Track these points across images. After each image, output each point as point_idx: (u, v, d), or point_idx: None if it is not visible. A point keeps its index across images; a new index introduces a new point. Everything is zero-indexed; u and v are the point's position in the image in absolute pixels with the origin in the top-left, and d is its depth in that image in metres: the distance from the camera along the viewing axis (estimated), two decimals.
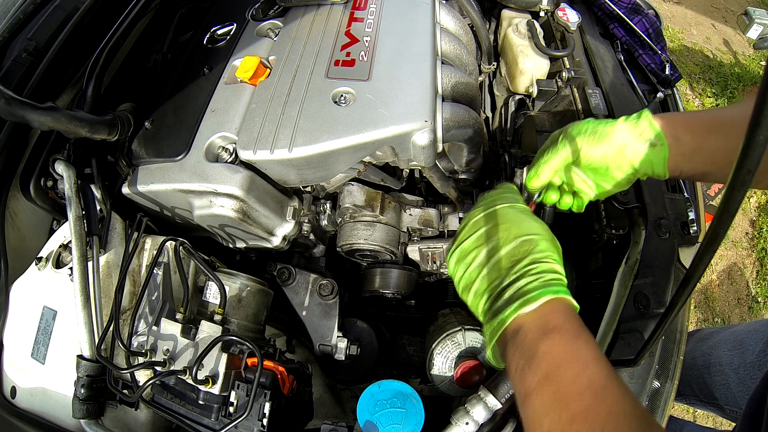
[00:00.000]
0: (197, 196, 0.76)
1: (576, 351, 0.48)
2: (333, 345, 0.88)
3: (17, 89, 0.82)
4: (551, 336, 0.49)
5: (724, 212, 0.34)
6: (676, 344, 0.82)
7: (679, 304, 0.45)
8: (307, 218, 0.90)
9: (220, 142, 0.78)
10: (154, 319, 0.72)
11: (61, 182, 0.80)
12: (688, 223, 0.87)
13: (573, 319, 0.52)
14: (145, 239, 0.79)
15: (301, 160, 0.73)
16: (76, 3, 0.94)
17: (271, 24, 0.93)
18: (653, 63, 1.15)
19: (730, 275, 2.38)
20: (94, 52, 0.85)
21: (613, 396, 0.44)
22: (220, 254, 0.95)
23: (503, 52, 1.24)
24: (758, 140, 0.29)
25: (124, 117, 0.81)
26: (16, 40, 0.89)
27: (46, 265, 0.76)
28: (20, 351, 0.74)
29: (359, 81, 0.76)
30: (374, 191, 0.93)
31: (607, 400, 0.44)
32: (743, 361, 1.11)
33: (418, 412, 0.68)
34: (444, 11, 0.99)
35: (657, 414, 0.77)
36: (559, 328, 0.50)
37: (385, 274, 0.95)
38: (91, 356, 0.68)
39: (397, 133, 0.71)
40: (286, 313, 0.95)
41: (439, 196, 1.00)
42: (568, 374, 0.46)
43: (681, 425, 1.42)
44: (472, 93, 0.91)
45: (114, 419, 0.71)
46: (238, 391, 0.65)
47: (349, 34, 0.84)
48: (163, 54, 1.04)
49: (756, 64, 3.12)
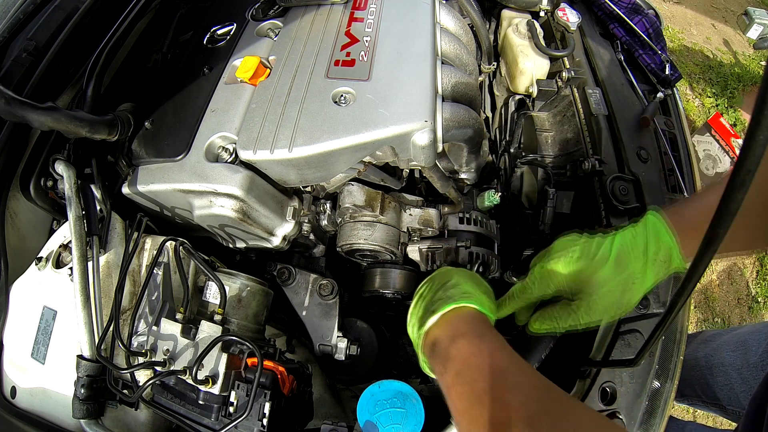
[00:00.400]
0: (197, 196, 0.76)
1: (480, 347, 0.55)
2: (333, 345, 0.88)
3: (17, 89, 0.82)
4: (458, 340, 0.57)
5: (724, 212, 0.34)
6: (676, 344, 0.82)
7: (679, 304, 0.45)
8: (307, 218, 0.90)
9: (220, 142, 0.78)
10: (154, 319, 0.72)
11: (61, 182, 0.79)
12: None
13: (478, 324, 0.60)
14: (145, 239, 0.79)
15: (301, 160, 0.73)
16: (76, 3, 0.94)
17: (271, 24, 0.93)
18: (653, 63, 1.15)
19: (730, 275, 2.38)
20: (94, 52, 0.85)
21: (513, 374, 0.51)
22: (220, 254, 0.95)
23: (503, 52, 1.24)
24: (758, 140, 0.29)
25: (124, 117, 0.81)
26: (16, 40, 0.89)
27: (46, 265, 0.76)
28: (20, 351, 0.74)
29: (359, 81, 0.76)
30: (374, 191, 0.93)
31: (509, 378, 0.50)
32: (746, 362, 1.11)
33: (418, 412, 0.68)
34: (444, 11, 0.99)
35: (657, 414, 0.77)
36: (465, 333, 0.57)
37: (385, 274, 0.95)
38: (91, 356, 0.68)
39: (397, 133, 0.71)
40: (286, 313, 0.95)
41: (439, 196, 1.00)
42: (474, 366, 0.53)
43: (683, 426, 1.42)
44: (472, 93, 0.91)
45: (114, 419, 0.71)
46: (238, 391, 0.65)
47: (349, 34, 0.84)
48: (163, 54, 1.04)
49: (756, 64, 3.12)
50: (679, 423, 1.44)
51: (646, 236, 0.62)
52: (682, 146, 1.05)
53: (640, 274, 0.61)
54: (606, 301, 0.63)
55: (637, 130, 1.00)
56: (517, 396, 0.47)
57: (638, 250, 0.62)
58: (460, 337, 0.57)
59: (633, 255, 0.62)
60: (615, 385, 0.76)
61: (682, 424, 1.44)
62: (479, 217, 0.96)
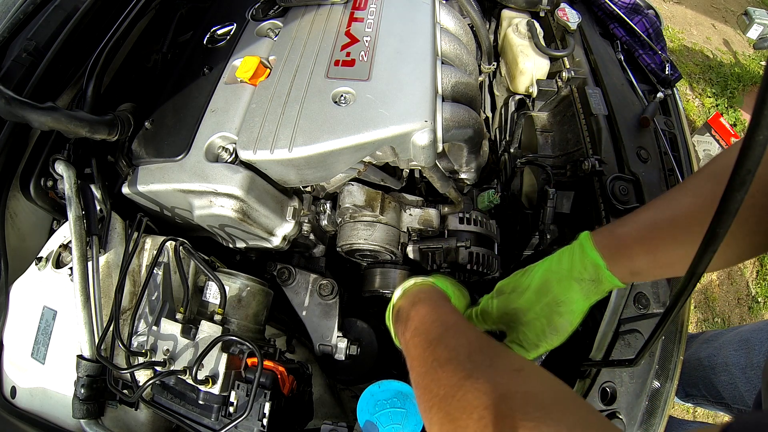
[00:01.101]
0: (197, 196, 0.76)
1: (434, 309, 0.63)
2: (333, 345, 0.88)
3: (17, 89, 0.82)
4: (417, 305, 0.65)
5: (724, 212, 0.34)
6: (676, 344, 0.82)
7: (679, 304, 0.45)
8: (307, 218, 0.90)
9: (220, 142, 0.78)
10: (154, 319, 0.72)
11: (61, 182, 0.79)
12: None
13: (435, 294, 0.68)
14: (145, 239, 0.79)
15: (301, 160, 0.73)
16: (76, 3, 0.94)
17: (271, 24, 0.93)
18: (653, 63, 1.15)
19: (730, 275, 2.38)
20: (94, 52, 0.85)
21: (460, 327, 0.57)
22: (220, 254, 0.95)
23: (503, 52, 1.24)
24: (758, 140, 0.29)
25: (124, 117, 0.81)
26: (16, 40, 0.89)
27: (46, 265, 0.76)
28: (20, 351, 0.74)
29: (359, 81, 0.76)
30: (374, 191, 0.93)
31: (458, 328, 0.57)
32: (750, 361, 1.11)
33: (418, 412, 0.68)
34: (444, 11, 0.99)
35: (657, 414, 0.77)
36: (422, 300, 0.66)
37: (385, 274, 0.95)
38: (91, 356, 0.68)
39: (397, 133, 0.71)
40: (286, 313, 0.95)
41: (439, 196, 1.00)
42: (429, 321, 0.60)
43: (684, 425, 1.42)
44: (472, 93, 0.91)
45: (114, 419, 0.71)
46: (238, 391, 0.65)
47: (349, 34, 0.84)
48: (163, 54, 1.04)
49: (756, 64, 3.12)
50: (680, 424, 1.44)
51: (572, 257, 0.62)
52: (682, 146, 1.05)
53: (565, 295, 0.62)
54: (535, 329, 0.65)
55: (637, 130, 1.00)
56: (461, 340, 0.54)
57: (562, 272, 0.62)
58: (419, 303, 0.65)
59: (556, 277, 0.63)
60: (615, 385, 0.76)
61: (684, 424, 1.44)
62: (479, 217, 0.96)
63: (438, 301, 0.67)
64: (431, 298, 0.67)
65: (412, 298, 0.67)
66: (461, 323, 0.59)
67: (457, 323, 0.58)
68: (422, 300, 0.66)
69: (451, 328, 0.57)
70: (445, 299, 0.69)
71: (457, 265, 0.98)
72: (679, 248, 0.55)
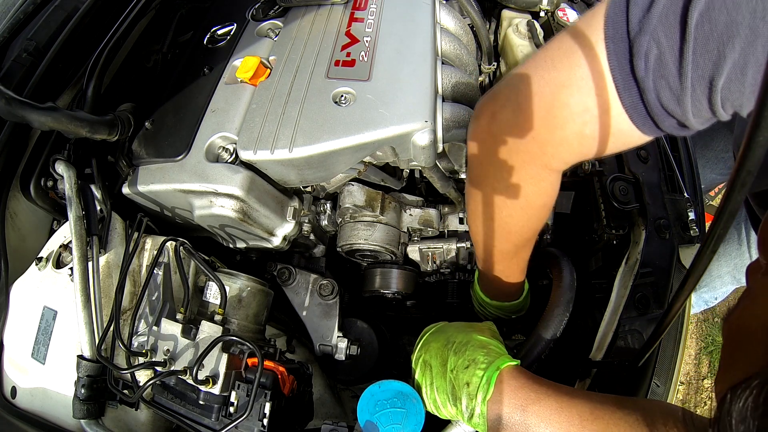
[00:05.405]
0: (197, 196, 0.76)
1: (557, 411, 0.56)
2: (333, 345, 0.88)
3: (17, 89, 0.82)
4: (528, 408, 0.57)
5: (724, 212, 0.34)
6: (676, 344, 0.82)
7: (679, 304, 0.45)
8: (308, 218, 0.90)
9: (220, 142, 0.78)
10: (154, 320, 0.72)
11: (61, 182, 0.80)
12: (688, 223, 0.87)
13: (531, 382, 0.59)
14: (146, 239, 0.79)
15: (301, 161, 0.73)
16: (76, 3, 0.94)
17: (271, 24, 0.93)
18: None
19: None
20: (94, 52, 0.85)
21: (596, 408, 0.55)
22: (220, 254, 0.95)
23: (503, 52, 1.24)
24: (758, 141, 0.29)
25: (124, 117, 0.81)
26: (16, 40, 0.89)
27: (46, 265, 0.76)
28: (20, 351, 0.74)
29: (359, 81, 0.76)
30: (374, 191, 0.93)
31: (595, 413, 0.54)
32: None
33: (419, 412, 0.68)
34: (444, 11, 0.99)
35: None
36: (533, 400, 0.57)
37: (385, 274, 0.95)
38: (92, 356, 0.68)
39: (398, 134, 0.71)
40: (286, 313, 0.95)
41: (439, 196, 1.00)
42: (562, 422, 0.55)
43: None
44: (473, 93, 0.91)
45: (114, 419, 0.71)
46: (238, 391, 0.65)
47: (349, 34, 0.84)
48: (163, 54, 1.04)
49: None
50: None
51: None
52: (682, 146, 1.04)
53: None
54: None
55: None
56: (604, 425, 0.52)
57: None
58: (529, 405, 0.57)
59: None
60: (615, 385, 0.76)
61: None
62: None
63: (538, 390, 0.59)
64: (533, 390, 0.58)
65: (514, 400, 0.58)
66: (593, 401, 0.56)
67: (594, 407, 0.55)
68: (532, 401, 0.57)
69: (590, 416, 0.54)
70: (539, 382, 0.60)
71: (457, 265, 0.98)
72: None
